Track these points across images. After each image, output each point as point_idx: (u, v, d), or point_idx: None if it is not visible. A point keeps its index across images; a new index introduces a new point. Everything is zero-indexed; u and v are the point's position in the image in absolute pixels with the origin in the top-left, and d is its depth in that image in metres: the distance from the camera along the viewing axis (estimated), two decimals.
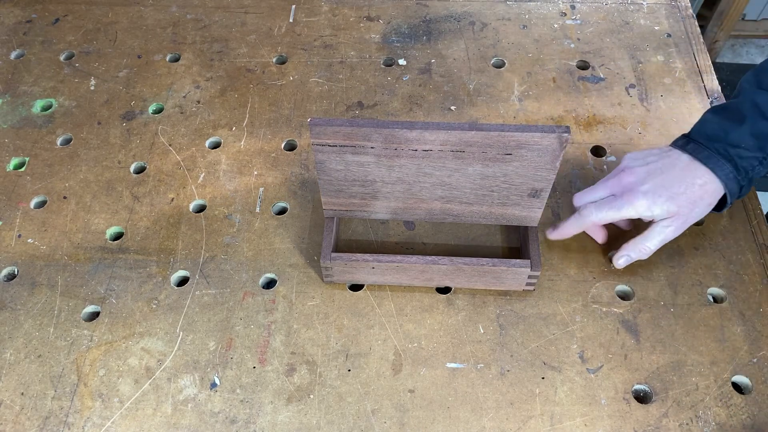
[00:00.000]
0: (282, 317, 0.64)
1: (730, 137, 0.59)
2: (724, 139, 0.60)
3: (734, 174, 0.59)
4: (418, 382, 0.61)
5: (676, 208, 0.60)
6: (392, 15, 0.92)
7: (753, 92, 0.61)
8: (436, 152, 0.54)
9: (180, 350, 0.63)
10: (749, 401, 0.59)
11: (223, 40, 0.89)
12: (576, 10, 0.92)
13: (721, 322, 0.63)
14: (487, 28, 0.90)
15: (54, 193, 0.74)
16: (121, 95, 0.83)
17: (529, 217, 0.62)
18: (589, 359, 0.61)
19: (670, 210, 0.60)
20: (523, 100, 0.81)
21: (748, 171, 0.60)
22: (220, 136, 0.79)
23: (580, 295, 0.65)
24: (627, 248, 0.63)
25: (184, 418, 0.59)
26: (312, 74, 0.85)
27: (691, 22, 0.89)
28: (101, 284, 0.67)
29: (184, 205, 0.73)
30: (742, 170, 0.59)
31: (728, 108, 0.62)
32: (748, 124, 0.59)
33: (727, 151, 0.59)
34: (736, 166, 0.59)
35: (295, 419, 0.59)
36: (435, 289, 0.66)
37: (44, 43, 0.89)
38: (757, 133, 0.59)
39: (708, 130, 0.61)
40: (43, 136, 0.79)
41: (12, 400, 0.60)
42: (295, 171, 0.75)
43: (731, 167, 0.59)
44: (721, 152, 0.60)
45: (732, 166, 0.59)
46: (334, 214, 0.64)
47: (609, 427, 0.58)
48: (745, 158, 0.59)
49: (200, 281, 0.67)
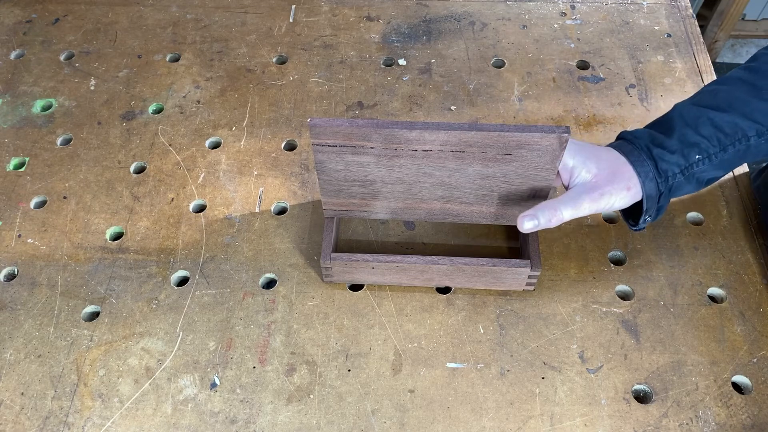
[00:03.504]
0: (282, 317, 0.64)
1: (655, 139, 0.59)
2: (649, 138, 0.59)
3: (654, 174, 0.57)
4: (418, 382, 0.61)
5: (596, 170, 0.57)
6: (392, 15, 0.92)
7: (683, 106, 0.61)
8: (436, 152, 0.54)
9: (180, 350, 0.63)
10: (749, 401, 0.59)
11: (223, 40, 0.89)
12: (576, 10, 0.92)
13: (721, 322, 0.63)
14: (487, 28, 0.90)
15: (54, 193, 0.74)
16: (121, 95, 0.83)
17: None
18: (589, 359, 0.61)
19: (590, 168, 0.57)
20: (523, 100, 0.81)
21: (668, 176, 0.58)
22: (220, 136, 0.79)
23: (580, 295, 0.65)
24: (538, 209, 0.57)
25: (184, 418, 0.59)
26: (312, 74, 0.85)
27: (691, 22, 0.89)
28: (101, 284, 0.67)
29: (184, 205, 0.73)
30: (662, 173, 0.58)
31: (659, 121, 0.62)
32: (675, 133, 0.59)
33: (649, 149, 0.58)
34: (656, 167, 0.58)
35: (295, 419, 0.59)
36: (435, 289, 0.66)
37: (44, 43, 0.89)
38: (681, 139, 0.58)
39: (637, 133, 0.61)
40: (43, 136, 0.79)
41: (12, 400, 0.60)
42: (295, 171, 0.75)
43: (652, 166, 0.58)
44: (643, 149, 0.58)
45: (653, 165, 0.58)
46: (334, 214, 0.64)
47: (609, 427, 0.58)
48: (667, 161, 0.58)
49: (200, 281, 0.67)
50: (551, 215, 0.56)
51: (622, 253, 0.68)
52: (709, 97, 0.61)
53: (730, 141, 0.58)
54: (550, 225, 0.57)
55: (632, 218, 0.62)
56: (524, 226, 0.57)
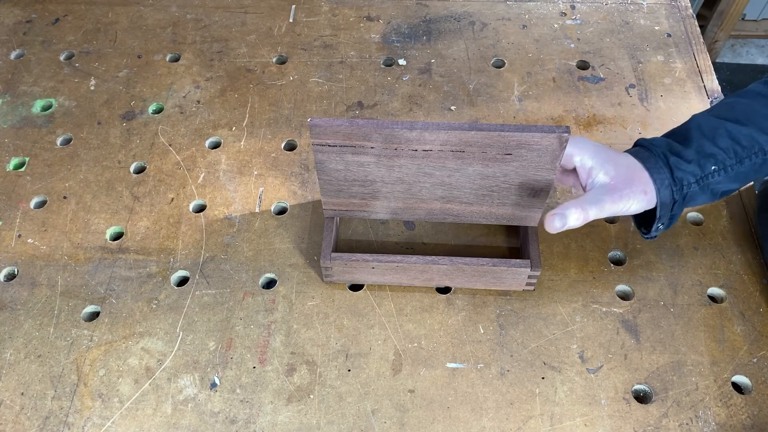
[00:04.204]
0: (282, 317, 0.64)
1: (673, 148, 0.59)
2: (667, 147, 0.59)
3: (670, 182, 0.58)
4: (418, 382, 0.61)
5: (614, 173, 0.58)
6: (392, 15, 0.92)
7: (701, 117, 0.61)
8: (436, 152, 0.54)
9: (180, 350, 0.63)
10: (749, 401, 0.59)
11: (223, 40, 0.89)
12: (576, 10, 0.92)
13: (721, 322, 0.63)
14: (487, 28, 0.90)
15: (54, 193, 0.74)
16: (121, 95, 0.83)
17: (529, 217, 0.62)
18: (589, 359, 0.61)
19: (608, 170, 0.58)
20: (523, 100, 0.81)
21: (683, 185, 0.58)
22: (220, 136, 0.79)
23: (580, 295, 0.65)
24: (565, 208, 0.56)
25: (184, 418, 0.59)
26: (312, 74, 0.85)
27: (691, 22, 0.89)
28: (101, 284, 0.67)
29: (184, 205, 0.73)
30: (678, 182, 0.58)
31: (677, 131, 0.62)
32: (693, 143, 0.59)
33: (666, 157, 0.59)
34: (672, 175, 0.58)
35: (295, 419, 0.59)
36: (435, 289, 0.66)
37: (44, 43, 0.89)
38: (698, 150, 0.58)
39: (654, 140, 0.61)
40: (43, 136, 0.79)
41: (12, 400, 0.60)
42: (295, 171, 0.75)
43: (668, 173, 0.58)
44: (660, 156, 0.59)
45: (669, 172, 0.58)
46: (334, 214, 0.64)
47: (609, 427, 0.58)
48: (683, 170, 0.58)
49: (200, 281, 0.67)
50: (580, 214, 0.56)
51: (622, 253, 0.68)
52: (728, 110, 0.61)
53: (747, 154, 0.58)
54: (577, 224, 0.56)
55: (644, 226, 0.62)
56: (554, 225, 0.56)
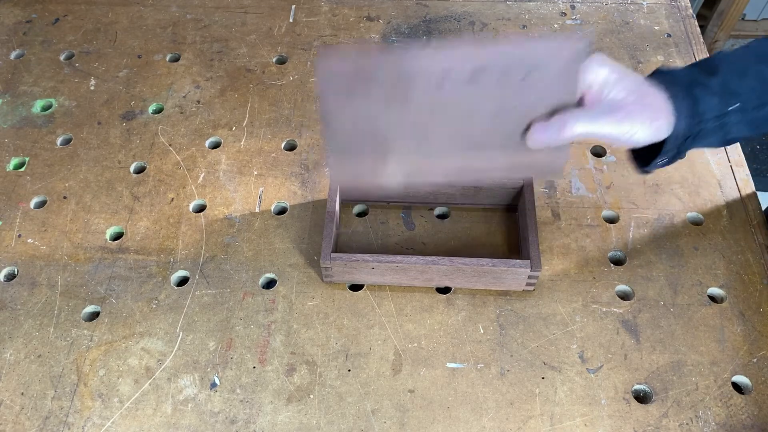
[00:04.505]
0: (282, 317, 0.64)
1: (698, 78, 0.55)
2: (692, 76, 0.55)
3: (691, 112, 0.53)
4: (418, 382, 0.61)
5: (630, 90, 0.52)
6: (392, 15, 0.92)
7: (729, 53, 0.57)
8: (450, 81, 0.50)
9: (180, 350, 0.63)
10: (749, 401, 0.59)
11: (223, 40, 0.89)
12: (576, 10, 0.92)
13: (721, 322, 0.63)
14: (487, 28, 0.90)
15: (54, 193, 0.74)
16: (121, 95, 0.83)
17: (554, 165, 0.57)
18: (589, 359, 0.61)
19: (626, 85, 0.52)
20: None
21: (702, 120, 0.54)
22: (220, 136, 0.79)
23: (580, 295, 0.65)
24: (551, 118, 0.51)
25: (184, 418, 0.59)
26: (312, 74, 0.85)
27: (691, 22, 0.89)
28: (101, 284, 0.67)
29: (184, 205, 0.73)
30: (698, 115, 0.54)
31: (701, 63, 0.58)
32: (719, 77, 0.55)
33: (691, 86, 0.54)
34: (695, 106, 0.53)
35: (295, 419, 0.59)
36: (435, 289, 0.66)
37: (44, 43, 0.89)
38: (724, 85, 0.55)
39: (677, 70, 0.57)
40: (43, 136, 0.79)
41: (12, 400, 0.60)
42: (295, 171, 0.75)
43: (691, 102, 0.53)
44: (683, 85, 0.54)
45: (691, 103, 0.54)
46: (342, 185, 0.59)
47: (609, 427, 0.58)
48: (706, 103, 0.54)
49: (200, 281, 0.67)
50: (562, 125, 0.51)
51: (622, 253, 0.68)
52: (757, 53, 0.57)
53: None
54: (562, 137, 0.51)
55: (641, 159, 0.58)
56: (533, 137, 0.52)
